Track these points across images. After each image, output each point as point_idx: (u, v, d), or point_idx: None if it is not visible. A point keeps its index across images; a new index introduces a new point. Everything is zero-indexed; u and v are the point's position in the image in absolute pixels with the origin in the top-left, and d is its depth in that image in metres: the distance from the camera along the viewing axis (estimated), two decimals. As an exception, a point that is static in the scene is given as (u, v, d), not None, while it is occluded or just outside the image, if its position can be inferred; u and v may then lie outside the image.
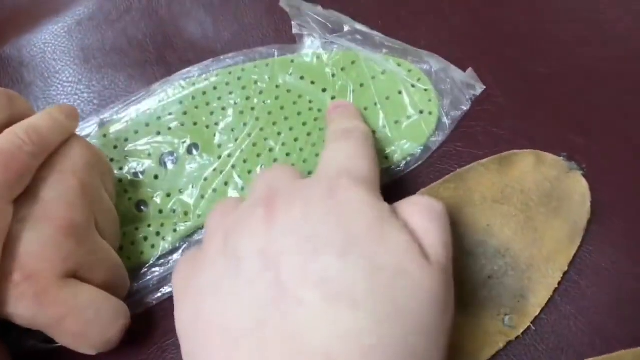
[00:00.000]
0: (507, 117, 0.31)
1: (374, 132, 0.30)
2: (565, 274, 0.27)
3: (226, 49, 0.34)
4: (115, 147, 0.31)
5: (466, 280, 0.27)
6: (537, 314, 0.27)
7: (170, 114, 0.31)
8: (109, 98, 0.33)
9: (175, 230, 0.29)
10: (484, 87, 0.31)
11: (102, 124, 0.32)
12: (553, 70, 0.32)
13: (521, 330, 0.27)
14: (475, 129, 0.31)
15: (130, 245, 0.29)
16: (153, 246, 0.29)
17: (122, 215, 0.29)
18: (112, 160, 0.30)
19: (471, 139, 0.30)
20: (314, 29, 0.32)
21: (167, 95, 0.31)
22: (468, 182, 0.29)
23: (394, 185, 0.30)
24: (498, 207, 0.28)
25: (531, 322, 0.27)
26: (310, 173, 0.29)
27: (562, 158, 0.29)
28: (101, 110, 0.32)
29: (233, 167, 0.30)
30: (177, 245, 0.29)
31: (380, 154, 0.30)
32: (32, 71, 0.36)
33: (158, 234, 0.29)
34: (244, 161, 0.30)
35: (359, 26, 0.32)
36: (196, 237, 0.29)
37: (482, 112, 0.31)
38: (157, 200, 0.29)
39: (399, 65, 0.31)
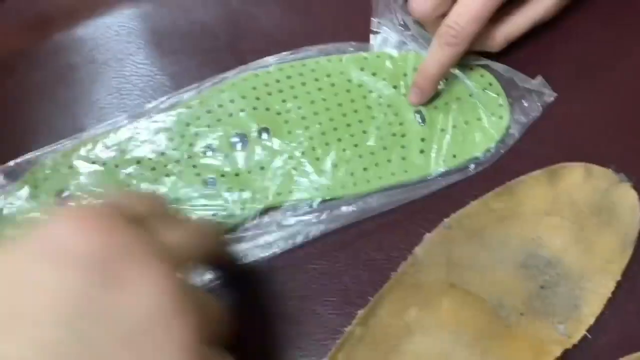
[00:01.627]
0: (578, 123, 0.31)
1: (442, 130, 0.31)
2: (618, 283, 0.28)
3: (297, 41, 0.34)
4: (188, 124, 0.32)
5: (520, 290, 0.28)
6: (591, 323, 0.27)
7: (243, 97, 0.32)
8: (181, 81, 0.34)
9: (242, 209, 0.29)
10: (555, 94, 0.32)
11: (174, 104, 0.33)
12: (628, 79, 0.33)
13: (577, 339, 0.27)
14: (545, 132, 0.31)
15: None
16: (219, 223, 0.29)
17: (189, 189, 0.30)
18: (182, 136, 0.31)
19: (540, 141, 0.31)
20: (393, 27, 0.33)
21: (241, 81, 0.32)
22: (518, 194, 0.29)
23: (463, 185, 0.30)
24: (549, 219, 0.29)
25: (586, 330, 0.27)
26: (377, 165, 0.30)
27: (611, 170, 0.29)
28: (174, 92, 0.33)
29: (303, 153, 0.31)
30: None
31: (450, 154, 0.31)
32: (105, 52, 0.37)
33: (225, 211, 0.29)
34: (313, 148, 0.31)
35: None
36: (266, 218, 0.30)
37: (553, 116, 0.31)
38: (226, 178, 0.30)
39: (470, 69, 0.32)
